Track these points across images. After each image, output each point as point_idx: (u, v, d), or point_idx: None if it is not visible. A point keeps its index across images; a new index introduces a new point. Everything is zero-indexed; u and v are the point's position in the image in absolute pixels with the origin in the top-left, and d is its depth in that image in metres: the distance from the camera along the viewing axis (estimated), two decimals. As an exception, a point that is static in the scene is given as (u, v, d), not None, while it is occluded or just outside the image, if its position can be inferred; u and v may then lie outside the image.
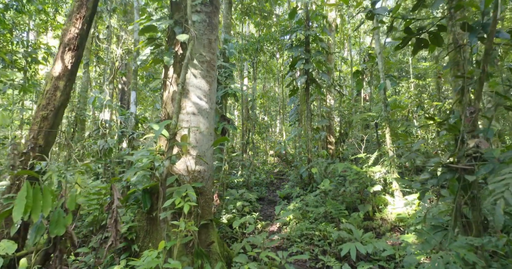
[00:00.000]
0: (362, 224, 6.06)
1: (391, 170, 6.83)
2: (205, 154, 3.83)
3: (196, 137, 3.78)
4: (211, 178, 3.91)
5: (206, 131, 3.87)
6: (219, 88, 6.73)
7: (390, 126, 6.87)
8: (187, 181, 3.68)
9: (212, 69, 4.00)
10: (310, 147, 8.17)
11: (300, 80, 8.20)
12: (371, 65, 8.66)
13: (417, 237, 3.48)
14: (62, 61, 3.77)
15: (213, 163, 3.95)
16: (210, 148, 3.91)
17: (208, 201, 3.82)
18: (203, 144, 3.82)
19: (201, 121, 3.83)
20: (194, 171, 3.73)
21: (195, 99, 3.82)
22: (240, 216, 6.49)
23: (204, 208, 3.74)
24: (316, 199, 7.07)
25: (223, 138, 3.55)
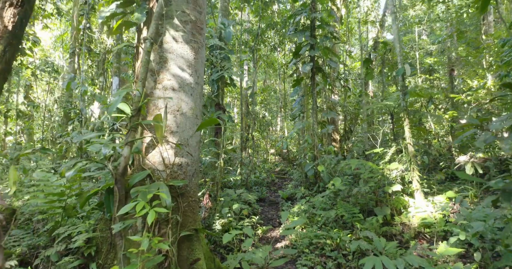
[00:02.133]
0: (380, 230, 5.07)
1: (410, 167, 5.84)
2: (188, 143, 2.85)
3: (176, 120, 2.80)
4: (196, 175, 2.93)
5: (190, 112, 2.89)
6: (214, 72, 5.75)
7: (409, 117, 5.88)
8: (164, 178, 2.70)
9: (198, 33, 3.03)
10: (316, 142, 7.18)
11: (305, 67, 7.22)
12: (383, 53, 7.68)
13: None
14: (0, 20, 2.79)
15: (199, 155, 2.97)
16: (195, 135, 2.93)
17: (192, 205, 2.83)
18: (185, 130, 2.84)
19: (183, 100, 2.85)
20: (173, 165, 2.75)
21: (175, 70, 2.84)
22: (237, 220, 5.50)
23: (186, 214, 2.76)
24: (325, 200, 6.08)
25: (211, 120, 2.57)
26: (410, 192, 6.07)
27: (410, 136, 5.86)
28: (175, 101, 2.81)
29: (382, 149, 5.70)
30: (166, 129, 2.76)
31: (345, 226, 5.35)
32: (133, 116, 2.30)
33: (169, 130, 2.77)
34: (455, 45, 12.97)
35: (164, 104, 2.78)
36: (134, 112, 2.29)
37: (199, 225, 2.88)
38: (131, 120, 2.31)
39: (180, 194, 2.72)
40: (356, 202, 5.81)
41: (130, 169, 2.87)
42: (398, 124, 6.79)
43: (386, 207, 5.54)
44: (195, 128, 2.91)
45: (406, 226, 5.34)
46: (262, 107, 15.90)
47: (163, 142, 2.72)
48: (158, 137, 2.57)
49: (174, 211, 2.68)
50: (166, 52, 2.84)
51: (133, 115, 2.30)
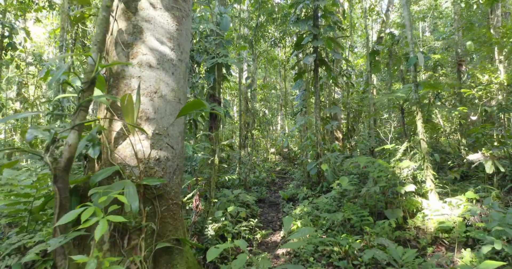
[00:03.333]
0: (392, 235, 4.49)
1: (424, 165, 5.26)
2: (169, 132, 2.28)
3: (154, 104, 2.24)
4: (179, 172, 2.36)
5: (171, 95, 2.32)
6: (207, 59, 5.17)
7: (422, 111, 5.30)
8: (136, 175, 2.13)
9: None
10: (319, 139, 6.61)
11: (308, 59, 6.65)
12: (391, 44, 7.10)
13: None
14: None
15: (183, 149, 2.40)
16: (178, 124, 2.36)
17: (173, 209, 2.26)
18: (165, 116, 2.27)
19: (162, 79, 2.28)
20: (149, 160, 2.18)
21: (153, 42, 2.27)
22: (234, 223, 4.93)
23: (165, 221, 2.19)
24: (329, 201, 5.51)
25: (195, 102, 2.00)
26: (423, 193, 5.49)
27: (423, 131, 5.29)
28: (152, 81, 2.24)
29: (393, 145, 5.12)
30: (141, 115, 2.19)
31: (353, 230, 4.77)
32: (84, 90, 1.73)
33: (144, 116, 2.20)
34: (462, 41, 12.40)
35: (138, 83, 2.22)
36: (85, 86, 1.72)
37: (181, 234, 2.31)
38: (81, 96, 1.74)
39: (157, 195, 2.15)
40: (365, 204, 5.24)
41: (98, 165, 2.31)
42: (408, 120, 6.22)
43: (398, 209, 4.96)
44: (177, 115, 2.34)
45: (421, 230, 4.76)
46: (262, 104, 15.31)
47: (136, 131, 2.15)
48: (128, 123, 2.00)
49: (149, 217, 2.12)
50: (142, 21, 2.28)
51: (84, 89, 1.73)
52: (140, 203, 2.09)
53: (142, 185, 2.10)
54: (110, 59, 2.32)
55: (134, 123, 2.08)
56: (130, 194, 1.71)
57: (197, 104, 2.03)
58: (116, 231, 2.04)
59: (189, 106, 2.06)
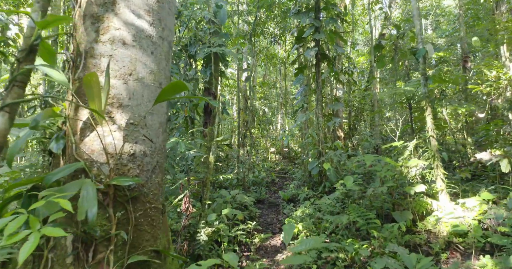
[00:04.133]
0: (402, 240, 4.10)
1: (434, 164, 4.87)
2: (147, 123, 1.90)
3: (128, 88, 1.85)
4: (159, 170, 1.97)
5: (150, 78, 1.94)
6: (201, 48, 4.77)
7: (431, 107, 4.92)
8: (106, 174, 1.75)
9: (165, -33, 2.07)
10: (321, 137, 6.22)
11: (309, 53, 6.26)
12: (396, 37, 6.72)
13: None
14: None
15: (164, 142, 2.01)
16: (158, 112, 1.97)
17: (152, 215, 1.87)
18: (142, 103, 1.88)
19: (139, 59, 1.90)
20: (121, 155, 1.79)
21: (127, 15, 1.89)
22: (230, 226, 4.54)
23: (141, 229, 1.80)
24: (333, 203, 5.11)
25: (175, 84, 1.61)
26: (432, 194, 5.10)
27: (433, 127, 4.89)
28: (126, 61, 1.85)
29: (402, 142, 4.72)
30: (112, 101, 1.81)
31: (359, 234, 4.38)
32: (21, 61, 1.34)
33: (117, 102, 1.81)
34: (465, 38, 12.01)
35: (108, 62, 1.83)
36: (22, 55, 1.33)
37: (162, 244, 1.92)
38: (16, 68, 1.35)
39: (131, 198, 1.77)
40: (370, 205, 4.84)
41: (63, 161, 1.93)
42: (415, 116, 5.82)
43: (407, 211, 4.57)
44: (158, 103, 1.95)
45: (432, 234, 4.37)
46: (262, 103, 14.92)
47: (105, 119, 1.76)
48: (93, 110, 1.62)
49: (120, 224, 1.73)
50: (115, -10, 1.89)
51: (20, 60, 1.34)
52: (110, 207, 1.71)
53: (112, 185, 1.71)
54: (78, 36, 1.93)
55: (102, 110, 1.69)
56: (87, 197, 1.32)
57: (178, 86, 1.64)
58: (79, 242, 1.65)
59: (169, 88, 1.67)
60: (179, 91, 1.68)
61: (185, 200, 3.08)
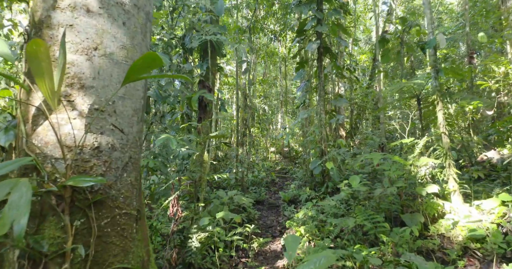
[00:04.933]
0: (414, 245, 3.72)
1: (446, 163, 4.49)
2: (116, 109, 1.52)
3: (93, 65, 1.48)
4: (132, 167, 1.59)
5: (122, 55, 1.56)
6: (195, 38, 4.38)
7: (443, 101, 4.54)
8: (62, 171, 1.37)
9: None
10: (324, 134, 5.84)
11: (311, 46, 5.89)
12: (402, 30, 6.35)
13: None
14: None
15: (140, 134, 1.63)
16: (131, 96, 1.60)
17: (122, 223, 1.50)
18: (110, 84, 1.51)
19: (107, 31, 1.52)
20: (82, 148, 1.42)
21: (93, -24, 1.51)
22: (227, 230, 4.16)
23: (107, 241, 1.42)
24: (337, 204, 4.73)
25: (148, 57, 1.23)
26: (444, 194, 4.72)
27: (445, 123, 4.52)
28: (91, 32, 1.48)
29: (412, 139, 4.35)
30: (72, 81, 1.43)
31: (366, 239, 3.99)
32: None
33: (77, 83, 1.44)
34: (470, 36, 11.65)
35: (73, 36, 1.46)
36: None
37: (136, 257, 1.54)
38: None
39: (94, 203, 1.39)
40: (378, 207, 4.46)
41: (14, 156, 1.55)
42: (424, 112, 5.45)
43: (417, 214, 4.18)
44: (131, 84, 1.58)
45: (446, 238, 3.98)
46: (262, 100, 14.53)
47: (62, 104, 1.39)
48: (43, 91, 1.25)
49: (80, 236, 1.35)
50: None
51: None
52: (65, 214, 1.33)
53: (69, 187, 1.34)
54: (34, 2, 1.56)
55: (54, 92, 1.32)
56: (17, 203, 0.95)
57: (151, 60, 1.27)
58: (25, 258, 1.28)
59: (140, 64, 1.29)
60: (153, 66, 1.30)
61: (173, 203, 2.70)
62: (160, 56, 1.24)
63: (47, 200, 1.34)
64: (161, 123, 4.97)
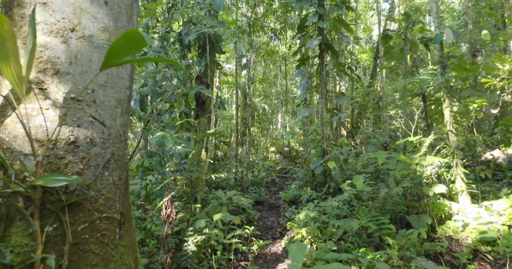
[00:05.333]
0: (421, 248, 3.53)
1: (453, 162, 4.31)
2: (96, 98, 1.34)
3: (69, 49, 1.29)
4: (115, 165, 1.40)
5: (104, 37, 1.38)
6: (191, 29, 4.19)
7: (449, 98, 4.36)
8: (31, 170, 1.19)
9: None
10: (325, 133, 5.66)
11: (313, 42, 5.71)
12: (405, 27, 6.16)
13: None
14: None
15: (125, 126, 1.45)
16: (114, 85, 1.41)
17: (102, 228, 1.31)
18: (89, 70, 1.33)
19: (86, 10, 1.34)
20: (56, 143, 1.23)
21: None
22: (225, 232, 3.97)
23: (84, 250, 1.24)
24: (340, 205, 4.54)
25: (128, 35, 1.05)
26: (450, 195, 4.53)
27: (452, 121, 4.33)
28: (68, 11, 1.30)
29: (418, 137, 4.17)
30: (45, 66, 1.25)
31: (371, 241, 3.81)
32: None
33: (51, 68, 1.25)
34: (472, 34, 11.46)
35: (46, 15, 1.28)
36: None
37: (120, 267, 1.35)
38: None
39: (69, 205, 1.21)
40: (383, 208, 4.28)
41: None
42: (429, 110, 5.26)
43: (424, 215, 4.00)
44: (113, 71, 1.40)
45: (454, 241, 3.80)
46: (262, 99, 14.32)
47: (33, 92, 1.20)
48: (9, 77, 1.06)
49: (51, 244, 1.17)
50: None
51: None
52: (35, 219, 1.15)
53: (39, 187, 1.15)
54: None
55: (22, 78, 1.13)
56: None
57: (133, 39, 1.08)
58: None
59: (121, 44, 1.11)
60: (135, 47, 1.12)
61: (166, 205, 2.51)
62: (143, 34, 1.05)
63: (13, 203, 1.16)
64: (158, 121, 4.78)
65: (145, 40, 1.09)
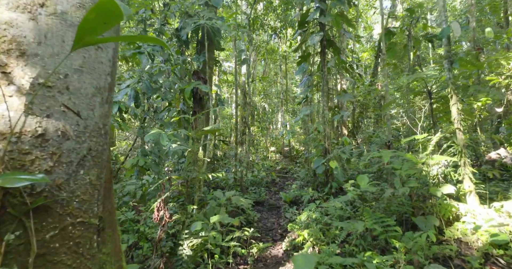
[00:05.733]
0: (429, 252, 3.34)
1: (461, 161, 4.12)
2: (69, 84, 1.15)
3: (38, 26, 1.10)
4: (92, 162, 1.21)
5: (78, 15, 1.19)
6: (188, 24, 3.99)
7: (457, 95, 4.17)
8: (-11, 167, 0.99)
9: None
10: (327, 131, 5.47)
11: (314, 38, 5.52)
12: (409, 22, 5.98)
13: None
14: None
15: (105, 118, 1.25)
16: (93, 70, 1.22)
17: (76, 236, 1.12)
18: (61, 52, 1.14)
19: (60, -17, 1.15)
20: (20, 135, 1.04)
21: None
22: (224, 234, 3.79)
23: (53, 261, 1.05)
24: (343, 206, 4.36)
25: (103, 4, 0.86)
26: (458, 195, 4.34)
27: (460, 119, 4.15)
28: (36, -16, 1.11)
29: (426, 135, 3.98)
30: (9, 47, 1.07)
31: (376, 244, 3.62)
32: None
33: (16, 49, 1.07)
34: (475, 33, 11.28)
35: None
36: None
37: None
38: None
39: (34, 209, 1.02)
40: (388, 209, 4.09)
41: None
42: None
43: (432, 217, 3.81)
44: (91, 54, 1.21)
45: (464, 244, 3.61)
46: (262, 98, 14.13)
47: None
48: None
49: (13, 254, 0.98)
50: None
51: None
52: (-8, 225, 0.96)
53: (-2, 187, 0.96)
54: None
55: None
56: None
57: (106, 11, 0.90)
58: None
59: (94, 18, 0.92)
60: (111, 20, 0.93)
61: (158, 206, 2.32)
62: (118, 3, 0.87)
63: (-32, 206, 0.97)
64: (154, 119, 4.60)
65: (121, 12, 0.91)
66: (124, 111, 4.13)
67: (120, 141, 15.38)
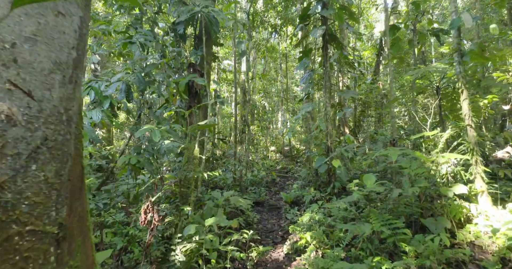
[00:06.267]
0: (442, 256, 3.09)
1: (472, 159, 3.88)
2: (18, 56, 0.90)
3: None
4: (49, 155, 0.96)
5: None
6: (183, 10, 3.74)
7: (468, 89, 3.93)
8: None
9: None
10: (330, 129, 5.23)
11: (316, 32, 5.28)
12: (415, 16, 5.74)
13: None
14: None
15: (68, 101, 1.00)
16: (51, 39, 0.98)
17: (25, 249, 0.87)
18: (8, 15, 0.89)
19: None
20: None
21: None
22: (221, 237, 3.54)
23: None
24: (347, 207, 4.11)
25: None
26: (467, 196, 4.10)
27: (471, 115, 3.91)
28: None
29: (436, 131, 3.73)
30: None
31: (384, 248, 3.37)
32: None
33: None
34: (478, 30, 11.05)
35: None
36: None
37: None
38: None
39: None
40: (395, 210, 3.84)
41: None
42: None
43: (442, 218, 3.56)
44: (49, 22, 0.96)
45: (478, 247, 3.37)
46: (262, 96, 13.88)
47: None
48: None
49: None
50: None
51: None
52: None
53: None
54: None
55: None
56: None
57: None
58: None
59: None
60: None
61: (146, 209, 2.07)
62: None
63: None
64: (149, 116, 4.35)
65: None
66: (116, 106, 3.89)
67: (118, 140, 15.14)
